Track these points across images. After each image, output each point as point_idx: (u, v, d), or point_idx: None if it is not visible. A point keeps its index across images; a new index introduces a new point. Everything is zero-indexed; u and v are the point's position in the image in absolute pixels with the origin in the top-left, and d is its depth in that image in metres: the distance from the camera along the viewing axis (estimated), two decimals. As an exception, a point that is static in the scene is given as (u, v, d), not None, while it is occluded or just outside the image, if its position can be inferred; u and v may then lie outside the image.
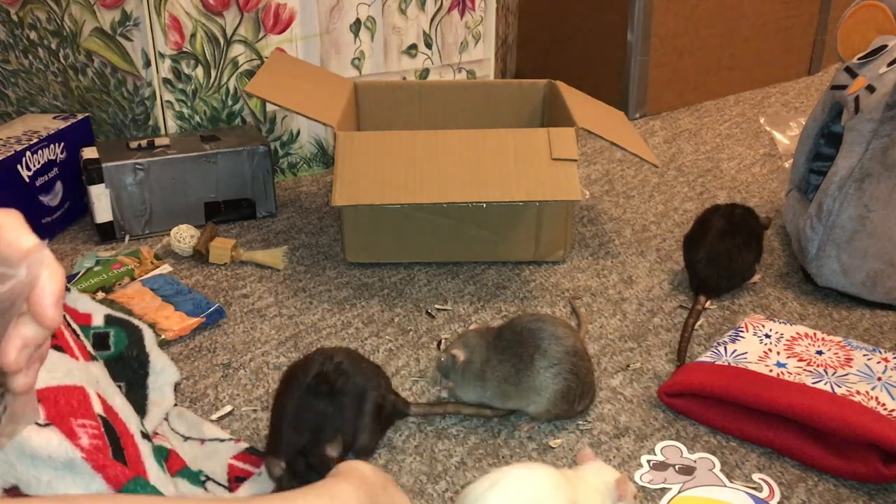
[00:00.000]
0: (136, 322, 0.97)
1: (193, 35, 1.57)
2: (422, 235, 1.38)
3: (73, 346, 0.73)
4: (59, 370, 0.67)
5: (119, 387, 0.91)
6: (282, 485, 0.86)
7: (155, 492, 0.64)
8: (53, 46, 1.61)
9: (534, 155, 1.25)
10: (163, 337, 1.17)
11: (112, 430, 0.68)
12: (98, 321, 0.92)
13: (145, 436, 0.74)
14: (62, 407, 0.64)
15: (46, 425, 0.62)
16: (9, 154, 1.39)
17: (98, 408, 0.68)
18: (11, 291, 0.42)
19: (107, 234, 1.48)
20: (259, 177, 1.54)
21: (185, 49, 1.58)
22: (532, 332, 0.99)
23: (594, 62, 2.17)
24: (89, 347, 0.76)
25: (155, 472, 0.71)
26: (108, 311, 0.94)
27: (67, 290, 0.90)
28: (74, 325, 0.78)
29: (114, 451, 0.66)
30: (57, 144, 1.49)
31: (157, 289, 1.27)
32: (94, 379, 0.71)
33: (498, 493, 0.75)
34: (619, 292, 1.32)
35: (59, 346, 0.70)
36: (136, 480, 0.63)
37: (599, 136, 1.35)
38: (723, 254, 1.27)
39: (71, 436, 0.62)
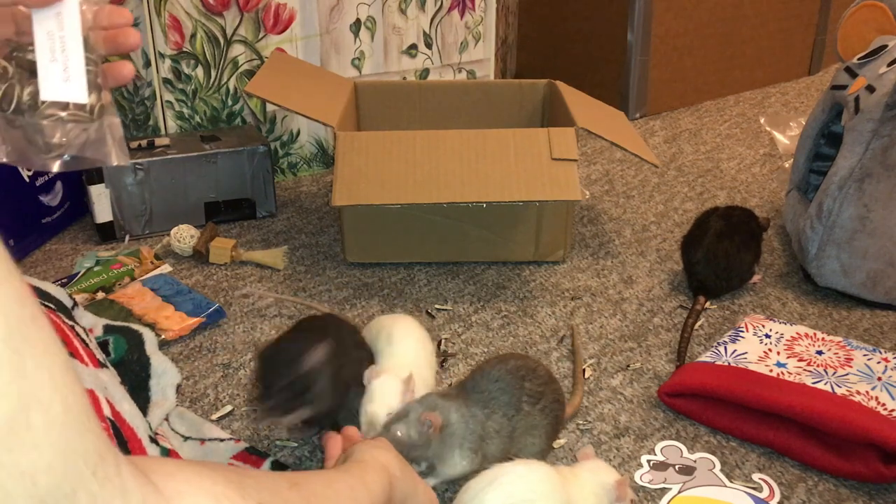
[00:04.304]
0: (135, 327, 0.97)
1: (193, 35, 1.57)
2: (422, 235, 1.38)
3: (83, 353, 0.74)
4: None
5: None
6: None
7: None
8: (53, 46, 1.61)
9: (534, 155, 1.25)
10: (163, 337, 1.17)
11: (120, 435, 0.69)
12: (97, 333, 0.94)
13: (153, 440, 0.75)
14: None
15: None
16: (9, 154, 1.39)
17: (107, 411, 0.69)
18: None
19: (107, 234, 1.48)
20: (259, 177, 1.54)
21: (185, 49, 1.58)
22: (511, 374, 0.89)
23: (594, 62, 2.17)
24: (98, 355, 0.78)
25: None
26: (107, 321, 0.96)
27: (74, 303, 0.91)
28: (84, 335, 0.79)
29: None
30: (57, 144, 1.49)
31: (157, 289, 1.27)
32: (103, 385, 0.72)
33: (496, 490, 0.75)
34: (619, 292, 1.32)
35: (69, 352, 0.71)
36: None
37: (599, 136, 1.35)
38: (721, 255, 1.27)
39: None
